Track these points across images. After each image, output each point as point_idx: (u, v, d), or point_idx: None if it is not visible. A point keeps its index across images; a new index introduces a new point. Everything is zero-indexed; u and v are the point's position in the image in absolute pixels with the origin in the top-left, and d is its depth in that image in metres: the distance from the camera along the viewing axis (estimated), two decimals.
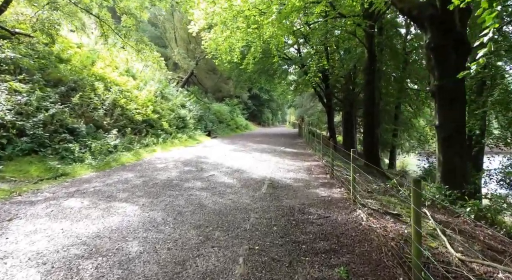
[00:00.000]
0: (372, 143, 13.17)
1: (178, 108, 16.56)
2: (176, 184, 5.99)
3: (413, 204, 2.43)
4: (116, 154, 8.66)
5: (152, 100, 13.71)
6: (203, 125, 18.58)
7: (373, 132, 13.21)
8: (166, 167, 7.88)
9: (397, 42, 17.76)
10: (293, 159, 9.76)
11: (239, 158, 9.61)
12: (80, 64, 11.57)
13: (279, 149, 12.47)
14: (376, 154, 13.27)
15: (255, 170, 7.70)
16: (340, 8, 11.29)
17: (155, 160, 9.04)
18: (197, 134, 16.09)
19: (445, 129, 6.81)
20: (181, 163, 8.54)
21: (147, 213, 4.24)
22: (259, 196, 5.22)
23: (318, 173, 7.53)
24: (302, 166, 8.53)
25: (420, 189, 2.41)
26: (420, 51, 17.63)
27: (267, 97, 39.31)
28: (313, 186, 6.06)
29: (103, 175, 6.71)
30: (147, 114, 12.22)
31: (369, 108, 13.21)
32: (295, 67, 23.49)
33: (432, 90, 7.01)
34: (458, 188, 6.36)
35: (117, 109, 10.76)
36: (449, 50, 6.59)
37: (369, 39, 12.46)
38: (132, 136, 10.40)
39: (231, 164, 8.49)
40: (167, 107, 14.99)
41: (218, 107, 24.25)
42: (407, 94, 19.21)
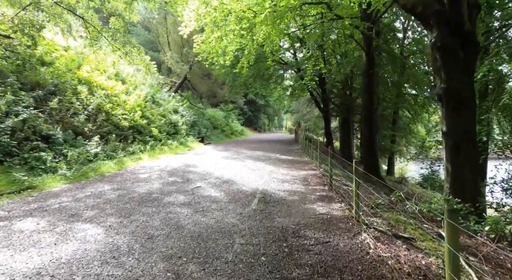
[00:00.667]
0: (371, 149, 12.53)
1: (170, 114, 15.87)
2: (155, 199, 5.26)
3: (448, 243, 1.74)
4: (96, 163, 7.92)
5: (141, 105, 13.01)
6: (196, 131, 17.87)
7: (372, 138, 12.58)
8: (149, 177, 7.14)
9: (395, 46, 17.29)
10: (289, 168, 9.06)
11: (231, 167, 8.90)
12: (65, 68, 10.88)
13: (274, 157, 11.78)
14: (375, 161, 12.62)
15: (246, 180, 6.99)
16: (337, 9, 10.73)
17: (139, 169, 8.30)
18: (189, 141, 15.37)
19: (453, 136, 6.17)
20: (166, 172, 7.81)
21: (111, 238, 3.51)
22: (247, 214, 4.51)
23: (316, 184, 6.84)
24: (298, 175, 7.83)
25: (458, 223, 1.73)
26: (418, 56, 17.20)
27: (263, 102, 38.71)
28: (310, 201, 5.36)
29: (75, 188, 5.96)
30: (134, 119, 11.50)
31: (367, 113, 12.60)
32: (291, 72, 22.98)
33: (438, 93, 6.38)
34: (469, 201, 5.68)
35: (101, 114, 10.04)
36: (457, 49, 5.98)
37: (367, 42, 11.91)
38: (117, 143, 9.66)
39: (220, 174, 7.78)
40: (157, 113, 14.28)
41: (213, 113, 23.57)
42: (405, 99, 18.70)
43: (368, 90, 12.48)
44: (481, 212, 5.97)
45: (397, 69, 16.25)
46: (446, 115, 6.31)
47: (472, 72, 6.22)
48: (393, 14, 16.24)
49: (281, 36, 9.93)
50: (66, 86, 9.53)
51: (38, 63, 10.01)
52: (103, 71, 13.20)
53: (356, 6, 11.06)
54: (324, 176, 7.73)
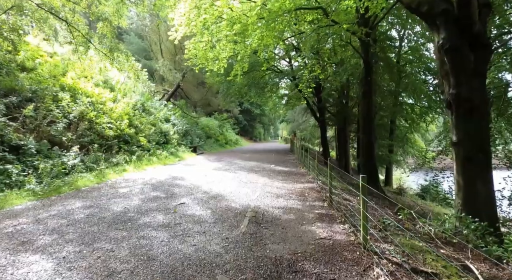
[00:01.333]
0: (369, 159, 11.90)
1: (161, 123, 15.17)
2: (130, 219, 4.52)
3: None
4: (72, 176, 7.15)
5: (129, 114, 12.31)
6: (188, 140, 17.15)
7: (370, 148, 11.97)
8: (129, 192, 6.39)
9: (391, 55, 16.95)
10: (284, 180, 8.36)
11: (221, 180, 8.17)
12: (48, 74, 10.22)
13: (268, 167, 11.09)
14: (375, 173, 11.98)
15: (237, 195, 6.27)
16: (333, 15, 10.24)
17: (120, 182, 7.53)
18: (181, 151, 14.63)
19: (465, 146, 5.56)
20: (150, 186, 7.06)
21: (60, 277, 2.77)
22: (235, 239, 3.78)
23: (314, 199, 6.14)
24: (294, 189, 7.13)
25: None
26: (415, 64, 16.82)
27: (259, 111, 38.24)
28: (308, 220, 4.65)
29: (41, 206, 5.19)
30: (121, 128, 10.77)
31: (366, 121, 12.03)
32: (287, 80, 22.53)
33: (447, 99, 5.80)
34: (484, 219, 5.02)
35: (83, 123, 9.32)
36: (466, 51, 5.43)
37: (365, 49, 11.44)
38: (99, 153, 8.90)
39: (209, 187, 7.05)
40: (147, 121, 13.57)
41: (207, 122, 22.91)
42: (402, 108, 18.26)
43: (366, 97, 11.94)
44: (500, 232, 5.31)
45: (394, 78, 15.81)
46: (456, 123, 5.71)
47: (483, 76, 5.67)
48: (389, 23, 15.97)
49: (275, 40, 9.37)
50: (45, 92, 8.82)
51: (18, 69, 9.34)
52: (90, 77, 12.56)
53: (354, 11, 10.64)
54: (322, 189, 7.04)
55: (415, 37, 17.24)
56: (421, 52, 16.66)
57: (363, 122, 12.19)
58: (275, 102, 23.99)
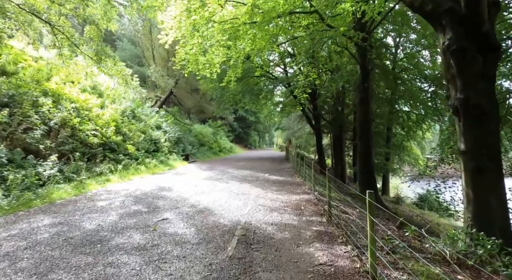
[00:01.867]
0: (367, 167, 11.41)
1: (152, 130, 14.57)
2: (101, 240, 3.90)
3: None
4: (48, 187, 6.50)
5: (117, 120, 11.71)
6: (180, 148, 16.53)
7: (368, 155, 11.50)
8: (108, 206, 5.77)
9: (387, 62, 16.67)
10: (279, 191, 7.79)
11: (211, 190, 7.58)
12: (30, 78, 9.64)
13: (262, 177, 10.52)
14: (373, 182, 11.48)
15: (227, 209, 5.68)
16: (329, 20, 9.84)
17: (101, 194, 6.89)
18: (172, 159, 14.01)
19: (475, 156, 5.07)
20: (132, 198, 6.43)
21: None
22: (220, 266, 3.20)
23: (311, 213, 5.58)
24: (289, 201, 6.56)
25: None
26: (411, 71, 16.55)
27: (254, 119, 37.79)
28: (305, 240, 4.08)
29: (4, 223, 4.55)
30: (107, 136, 10.16)
31: (363, 129, 11.57)
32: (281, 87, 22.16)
33: (453, 104, 5.34)
34: (498, 236, 4.50)
35: (65, 129, 8.69)
36: (474, 53, 5.00)
37: (362, 54, 11.08)
38: (81, 162, 8.26)
39: (197, 200, 6.45)
40: (136, 128, 12.96)
41: (200, 129, 22.33)
42: (398, 115, 17.93)
43: (363, 104, 11.51)
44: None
45: (390, 85, 15.49)
46: (464, 131, 5.23)
47: (493, 79, 5.22)
48: (384, 30, 15.74)
49: (269, 44, 8.93)
50: (24, 97, 8.21)
51: None
52: (77, 83, 11.98)
53: (350, 15, 10.29)
54: (320, 201, 6.49)
55: (410, 44, 17.03)
56: (417, 59, 16.43)
57: (360, 129, 11.74)
58: (270, 109, 23.58)
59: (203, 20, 7.99)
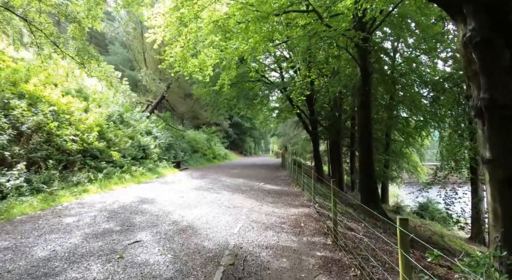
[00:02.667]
0: (369, 174, 10.63)
1: (141, 135, 13.69)
2: (47, 275, 3.02)
3: None
4: (9, 200, 5.59)
5: (102, 125, 10.82)
6: (171, 155, 15.63)
7: (369, 164, 10.74)
8: (74, 224, 4.87)
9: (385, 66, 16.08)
10: (275, 203, 6.95)
11: (199, 203, 6.70)
12: (4, 79, 8.78)
13: (257, 186, 9.67)
14: (375, 191, 10.69)
15: (214, 227, 4.82)
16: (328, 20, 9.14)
17: (73, 208, 5.99)
18: (161, 166, 13.10)
19: (503, 165, 4.28)
20: (106, 213, 5.54)
21: None
22: None
23: (312, 231, 4.74)
24: (286, 216, 5.72)
25: None
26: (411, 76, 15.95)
27: (249, 125, 37.01)
28: (309, 272, 3.24)
29: None
30: (88, 141, 9.26)
31: (364, 135, 10.82)
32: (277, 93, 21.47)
33: (476, 105, 4.59)
34: None
35: (39, 134, 7.80)
36: (502, 46, 4.27)
37: (362, 55, 10.41)
38: (54, 171, 7.35)
39: (181, 215, 5.57)
40: (123, 134, 12.08)
41: (194, 135, 21.45)
42: (397, 121, 17.27)
43: (364, 108, 10.80)
44: None
45: (390, 89, 14.85)
46: (490, 136, 4.44)
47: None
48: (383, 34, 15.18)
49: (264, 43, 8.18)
50: None
51: None
52: (61, 85, 11.13)
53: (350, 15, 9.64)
54: (321, 216, 5.66)
55: (409, 48, 16.48)
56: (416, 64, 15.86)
57: (361, 135, 10.99)
58: (266, 115, 22.84)
59: (191, 14, 7.23)
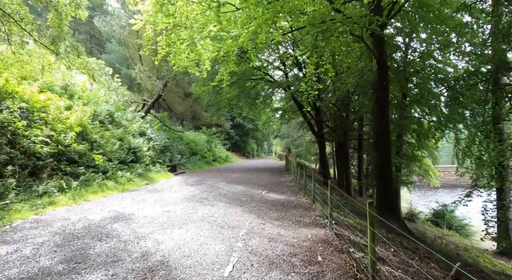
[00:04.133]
0: (386, 184, 9.15)
1: (132, 137, 12.33)
2: None
3: None
4: None
5: (85, 125, 9.47)
6: (167, 157, 14.24)
7: (387, 170, 9.26)
8: (4, 258, 3.46)
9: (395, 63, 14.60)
10: (280, 220, 5.50)
11: (186, 221, 5.27)
12: None
13: (259, 196, 8.22)
14: (394, 201, 9.23)
15: (197, 265, 3.37)
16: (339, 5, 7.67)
17: (22, 229, 4.57)
18: (154, 171, 11.71)
19: None
20: (59, 239, 4.12)
21: None
22: None
23: (337, 273, 3.28)
24: (297, 243, 4.26)
25: None
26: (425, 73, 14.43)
27: (252, 126, 35.57)
28: None
29: None
30: (64, 143, 7.90)
31: (381, 137, 9.35)
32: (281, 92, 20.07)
33: None
34: None
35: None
36: None
37: (379, 45, 9.01)
38: (12, 180, 5.98)
39: (157, 241, 4.14)
40: (111, 135, 10.71)
41: (193, 136, 20.05)
42: (410, 121, 15.73)
43: (380, 106, 9.34)
44: None
45: (404, 87, 13.37)
46: None
47: None
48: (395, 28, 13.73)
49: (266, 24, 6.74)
50: None
51: None
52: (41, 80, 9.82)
53: None
54: (343, 241, 4.22)
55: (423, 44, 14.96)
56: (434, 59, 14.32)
57: (377, 137, 9.51)
58: (269, 115, 21.44)
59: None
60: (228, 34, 9.04)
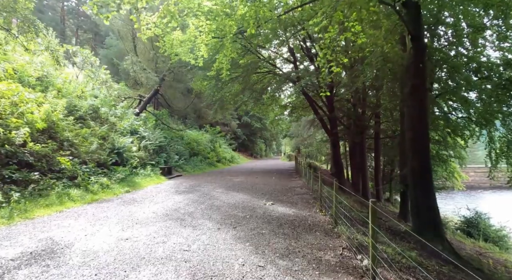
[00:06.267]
0: (426, 195, 7.02)
1: (122, 135, 10.56)
2: None
3: None
4: None
5: (55, 120, 7.71)
6: (162, 159, 12.41)
7: (427, 177, 7.14)
8: None
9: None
10: (289, 259, 3.49)
11: (141, 262, 3.30)
12: None
13: (261, 209, 6.22)
14: (436, 217, 7.07)
15: None
16: None
17: None
18: (143, 174, 9.86)
19: None
20: None
21: None
22: None
23: None
24: None
25: None
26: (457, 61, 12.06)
27: (259, 125, 33.53)
28: None
29: None
30: (15, 142, 6.10)
31: (418, 136, 7.24)
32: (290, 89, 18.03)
33: None
34: None
35: None
36: None
37: (413, 19, 6.93)
38: None
39: None
40: (90, 133, 8.93)
41: (195, 136, 18.20)
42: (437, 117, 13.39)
43: (416, 96, 7.23)
44: None
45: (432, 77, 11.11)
46: None
47: None
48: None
49: None
50: None
51: None
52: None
53: None
54: None
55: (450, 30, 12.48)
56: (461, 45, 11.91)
57: (413, 136, 7.35)
58: (277, 113, 19.40)
59: None
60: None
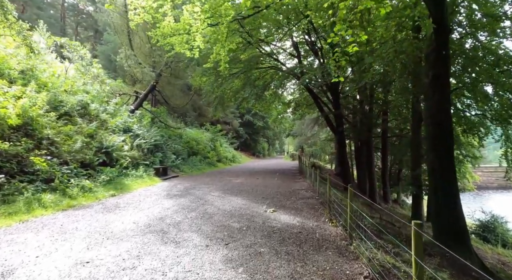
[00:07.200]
0: (451, 200, 6.05)
1: (113, 133, 9.72)
2: None
3: None
4: None
5: (33, 116, 6.86)
6: (158, 158, 11.53)
7: (451, 179, 6.16)
8: None
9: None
10: None
11: None
12: None
13: (261, 218, 5.29)
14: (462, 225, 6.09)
15: None
16: None
17: None
18: (134, 175, 8.99)
19: None
20: None
21: None
22: None
23: None
24: None
25: None
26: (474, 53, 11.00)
27: (262, 124, 32.58)
28: None
29: None
30: None
31: (438, 131, 6.26)
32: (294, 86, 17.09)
33: None
34: None
35: None
36: None
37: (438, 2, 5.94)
38: None
39: None
40: (75, 130, 8.08)
41: (195, 134, 17.33)
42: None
43: (439, 86, 6.25)
44: None
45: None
46: None
47: None
48: None
49: None
50: None
51: None
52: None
53: None
54: None
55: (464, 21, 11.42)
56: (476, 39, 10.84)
57: (434, 132, 6.38)
58: (279, 111, 18.44)
59: None
60: None
